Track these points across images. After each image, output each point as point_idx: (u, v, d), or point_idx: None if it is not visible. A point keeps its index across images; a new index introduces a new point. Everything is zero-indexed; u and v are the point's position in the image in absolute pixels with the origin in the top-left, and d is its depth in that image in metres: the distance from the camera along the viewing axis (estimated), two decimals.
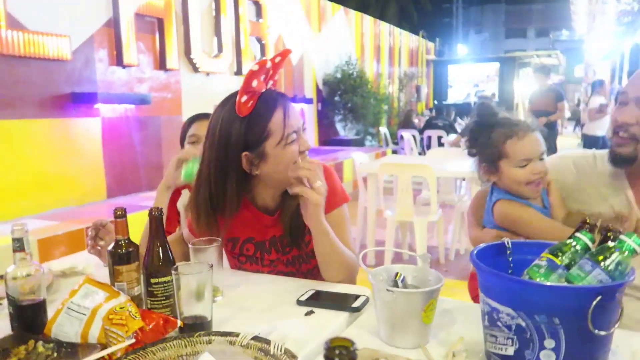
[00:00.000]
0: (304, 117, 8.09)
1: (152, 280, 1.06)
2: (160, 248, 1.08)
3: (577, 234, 0.86)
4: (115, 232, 1.11)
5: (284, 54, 1.28)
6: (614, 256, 0.79)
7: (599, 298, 0.74)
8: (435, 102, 14.63)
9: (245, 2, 6.56)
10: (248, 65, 6.50)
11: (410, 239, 4.12)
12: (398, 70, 12.44)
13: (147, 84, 5.17)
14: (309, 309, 1.14)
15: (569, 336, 0.76)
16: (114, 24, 4.72)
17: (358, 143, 8.90)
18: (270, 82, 1.28)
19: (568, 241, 0.86)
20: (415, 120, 9.09)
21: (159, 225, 1.08)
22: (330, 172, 1.41)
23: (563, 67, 20.86)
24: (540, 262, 0.85)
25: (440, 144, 7.53)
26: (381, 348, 0.95)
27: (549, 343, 0.77)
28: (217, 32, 6.10)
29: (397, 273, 0.98)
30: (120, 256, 1.11)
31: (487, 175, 1.36)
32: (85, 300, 0.95)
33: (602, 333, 0.75)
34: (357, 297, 1.16)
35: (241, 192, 1.32)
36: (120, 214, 1.12)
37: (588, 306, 0.74)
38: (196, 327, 0.99)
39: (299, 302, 1.17)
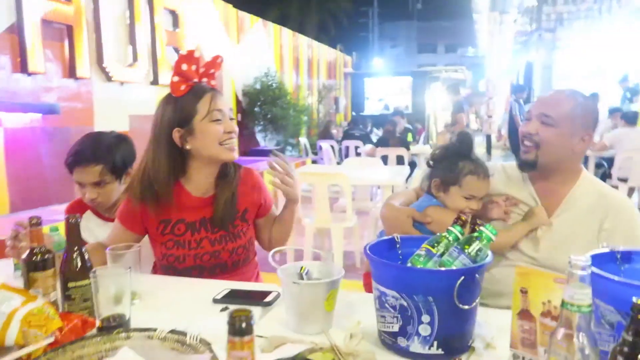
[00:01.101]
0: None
1: (70, 284, 1.10)
2: (78, 253, 1.12)
3: (450, 228, 1.03)
4: (30, 240, 1.13)
5: (215, 58, 1.51)
6: (475, 244, 0.97)
7: (462, 278, 0.90)
8: (354, 113, 15.14)
9: (161, 11, 6.47)
10: (165, 75, 6.40)
11: (328, 245, 4.28)
12: (317, 82, 12.75)
13: (55, 93, 4.94)
14: (223, 305, 1.22)
15: (441, 311, 0.92)
16: (17, 30, 4.49)
17: None
18: (205, 80, 1.48)
19: (443, 234, 1.03)
20: (334, 131, 9.38)
21: (75, 232, 1.12)
22: (258, 175, 1.65)
23: (470, 82, 22.37)
24: (420, 252, 1.01)
25: (357, 154, 7.85)
26: (290, 336, 1.05)
27: (426, 318, 0.92)
28: (132, 40, 5.96)
29: (302, 267, 1.10)
30: (36, 264, 1.13)
31: (435, 190, 1.51)
32: (1, 305, 0.97)
33: (466, 307, 0.91)
34: (268, 293, 1.27)
35: (176, 170, 1.49)
36: (35, 222, 1.14)
37: (454, 285, 0.90)
38: (115, 326, 1.04)
39: (215, 301, 1.26)
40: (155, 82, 6.29)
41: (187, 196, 1.53)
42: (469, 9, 15.89)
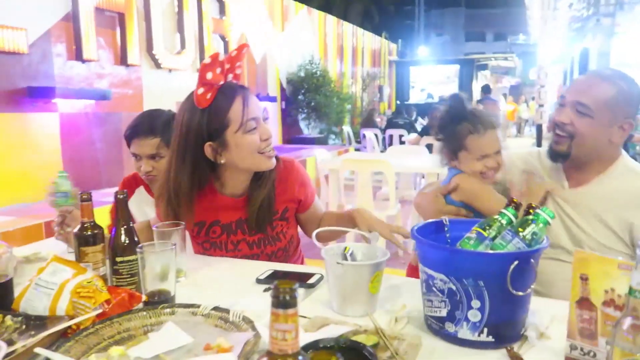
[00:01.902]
0: (267, 114, 8.14)
1: (118, 259, 1.12)
2: (126, 228, 1.14)
3: (503, 210, 0.98)
4: (81, 215, 1.16)
5: (240, 48, 1.36)
6: (530, 227, 0.91)
7: (516, 262, 0.85)
8: (398, 102, 14.93)
9: (209, 0, 6.56)
10: None
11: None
12: (361, 70, 12.63)
13: (107, 80, 5.11)
14: (267, 286, 1.22)
15: (492, 297, 0.87)
16: (72, 18, 4.65)
17: (321, 141, 9.01)
18: (231, 76, 1.35)
19: (495, 217, 0.98)
20: (378, 120, 9.26)
21: (124, 208, 1.14)
22: (304, 170, 1.54)
23: (519, 70, 21.59)
24: (470, 235, 0.97)
25: (402, 143, 7.73)
26: (333, 317, 1.04)
27: (476, 303, 0.88)
28: (180, 28, 6.08)
29: (346, 247, 1.08)
30: (86, 238, 1.16)
31: (448, 160, 1.46)
32: (53, 276, 1.00)
33: (520, 293, 0.86)
34: (312, 275, 1.25)
35: (202, 182, 1.39)
36: (86, 198, 1.17)
37: (507, 270, 0.85)
38: (160, 301, 1.05)
39: (258, 281, 1.25)
40: None
41: (220, 198, 1.44)
42: None
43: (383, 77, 14.40)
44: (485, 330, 0.89)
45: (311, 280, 1.22)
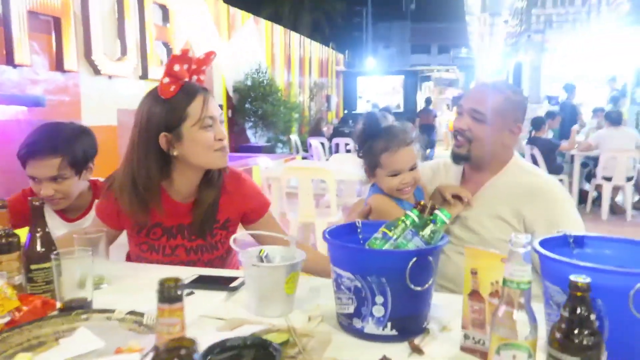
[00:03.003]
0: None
1: (32, 267, 1.11)
2: (41, 235, 1.12)
3: (409, 212, 1.05)
4: None
5: (208, 54, 1.41)
6: (429, 227, 0.98)
7: (414, 259, 0.91)
8: (346, 111, 15.17)
9: (151, 6, 6.46)
10: (154, 70, 6.39)
11: (313, 240, 4.30)
12: (309, 79, 12.76)
13: (41, 86, 4.92)
14: (189, 290, 1.23)
15: (394, 292, 0.93)
16: (3, 21, 4.46)
17: (269, 150, 9.01)
18: (195, 77, 1.40)
19: (401, 218, 1.05)
20: (324, 129, 9.41)
21: (39, 215, 1.13)
22: (251, 182, 1.56)
23: (462, 82, 22.46)
24: (377, 235, 1.03)
25: (348, 151, 7.87)
26: (249, 318, 1.07)
27: (379, 299, 0.94)
28: (121, 34, 5.95)
29: (261, 250, 1.12)
30: (0, 246, 1.13)
31: (368, 177, 1.53)
32: None
33: (418, 289, 0.93)
34: (235, 278, 1.28)
35: (163, 174, 1.40)
36: (1, 205, 1.14)
37: (406, 266, 0.91)
38: (76, 308, 1.05)
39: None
40: (144, 76, 6.28)
41: (167, 200, 1.45)
42: (461, 10, 15.98)
43: (331, 87, 14.60)
44: (389, 324, 0.95)
45: (234, 284, 1.24)
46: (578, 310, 0.73)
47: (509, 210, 1.46)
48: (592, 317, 0.73)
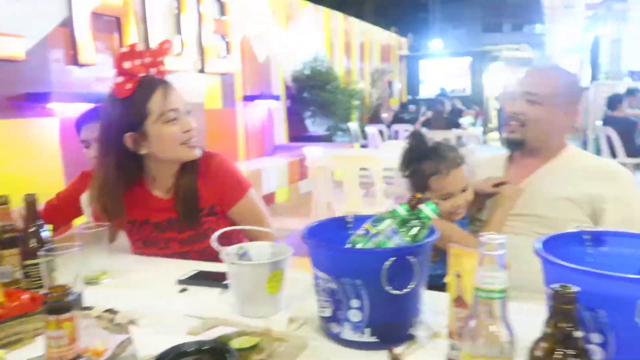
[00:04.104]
0: (271, 114, 8.15)
1: (26, 262, 1.13)
2: (34, 231, 1.14)
3: (395, 206, 0.95)
4: None
5: (162, 43, 1.40)
6: (412, 223, 0.88)
7: (392, 260, 0.82)
8: (410, 97, 14.77)
9: (208, 0, 6.59)
10: (213, 63, 6.55)
11: None
12: (369, 66, 12.53)
13: (106, 84, 5.14)
14: (183, 287, 1.21)
15: (371, 296, 0.84)
16: (69, 24, 4.72)
17: (327, 139, 8.98)
18: (154, 70, 1.37)
19: (387, 213, 0.95)
20: (384, 115, 9.20)
21: (32, 210, 1.15)
22: (228, 164, 1.49)
23: (536, 60, 21.14)
24: (359, 232, 0.94)
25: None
26: (228, 318, 1.01)
27: (355, 303, 0.85)
28: (179, 30, 6.12)
29: (239, 247, 1.06)
30: (2, 241, 1.17)
31: None
32: None
33: (396, 292, 0.83)
34: None
35: (129, 176, 1.40)
36: (2, 201, 1.18)
37: (382, 268, 0.82)
38: None
39: (180, 281, 1.25)
40: (202, 70, 6.44)
41: (151, 197, 1.45)
42: None
43: (394, 72, 14.25)
44: (368, 330, 0.86)
45: (227, 281, 1.20)
46: (561, 326, 0.61)
47: (573, 190, 1.38)
48: (578, 334, 0.60)
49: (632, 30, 8.53)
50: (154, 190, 1.46)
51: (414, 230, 0.88)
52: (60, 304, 0.50)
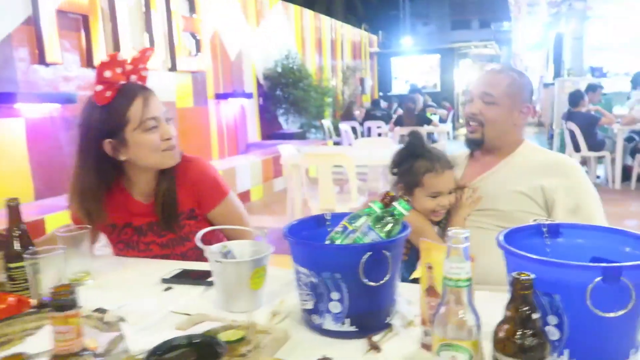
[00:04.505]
0: (244, 112, 8.15)
1: (10, 265, 1.14)
2: (18, 234, 1.15)
3: (370, 204, 1.01)
4: None
5: (143, 51, 1.39)
6: (386, 220, 0.94)
7: (368, 254, 0.88)
8: (381, 94, 14.93)
9: None
10: (183, 61, 6.50)
11: None
12: (341, 63, 12.62)
13: (74, 83, 5.08)
14: (167, 285, 1.24)
15: (350, 289, 0.90)
16: (34, 22, 4.62)
17: (300, 136, 9.02)
18: (135, 77, 1.38)
19: (363, 210, 1.01)
20: (357, 112, 9.31)
21: (15, 214, 1.16)
22: (207, 168, 1.52)
23: (504, 57, 21.63)
24: (338, 229, 1.00)
25: (380, 134, 7.77)
26: (213, 314, 1.06)
27: (335, 295, 0.91)
28: (148, 28, 6.05)
29: (224, 246, 1.11)
30: None
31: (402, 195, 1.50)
32: None
33: (373, 284, 0.89)
34: None
35: (109, 181, 1.41)
36: None
37: (360, 262, 0.88)
38: (47, 305, 1.08)
39: (164, 280, 1.28)
40: (173, 68, 6.38)
41: (132, 202, 1.47)
42: None
43: (365, 69, 14.40)
44: (348, 320, 0.92)
45: (210, 278, 1.24)
46: (520, 309, 0.68)
47: (527, 184, 1.48)
48: (535, 316, 0.67)
49: (593, 28, 8.87)
50: (134, 194, 1.47)
51: (389, 227, 0.94)
52: (66, 301, 0.54)
